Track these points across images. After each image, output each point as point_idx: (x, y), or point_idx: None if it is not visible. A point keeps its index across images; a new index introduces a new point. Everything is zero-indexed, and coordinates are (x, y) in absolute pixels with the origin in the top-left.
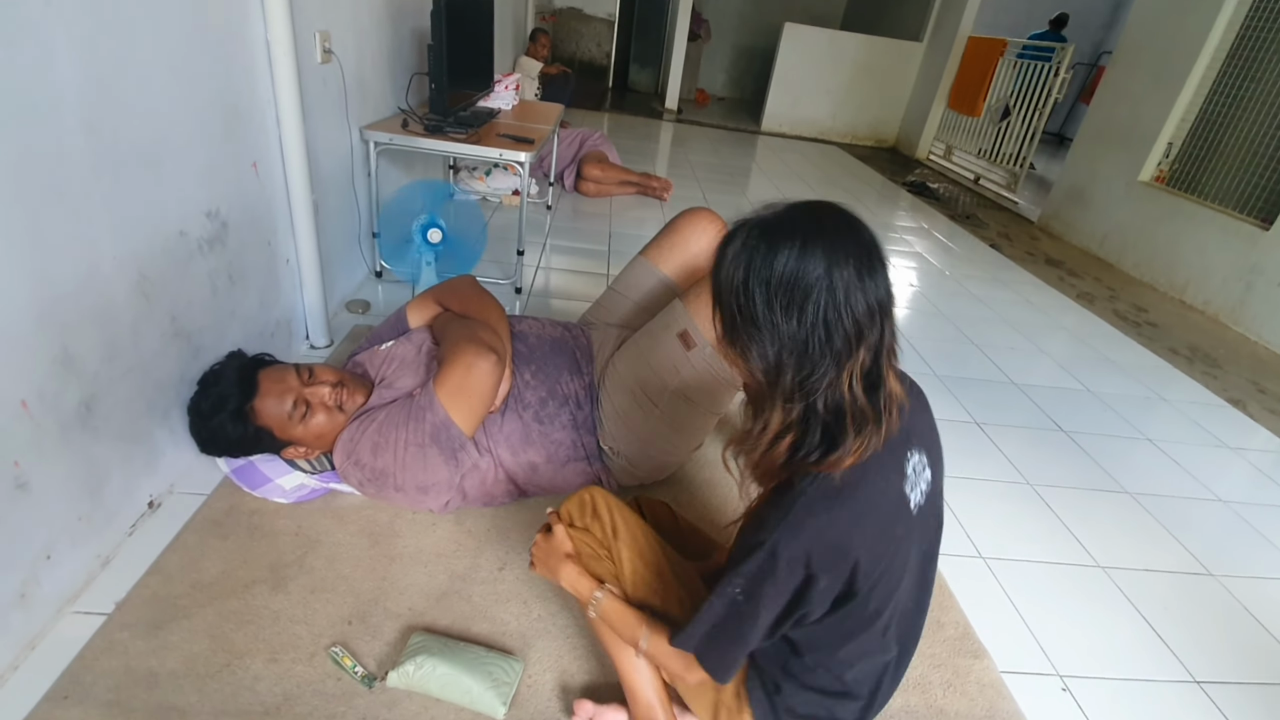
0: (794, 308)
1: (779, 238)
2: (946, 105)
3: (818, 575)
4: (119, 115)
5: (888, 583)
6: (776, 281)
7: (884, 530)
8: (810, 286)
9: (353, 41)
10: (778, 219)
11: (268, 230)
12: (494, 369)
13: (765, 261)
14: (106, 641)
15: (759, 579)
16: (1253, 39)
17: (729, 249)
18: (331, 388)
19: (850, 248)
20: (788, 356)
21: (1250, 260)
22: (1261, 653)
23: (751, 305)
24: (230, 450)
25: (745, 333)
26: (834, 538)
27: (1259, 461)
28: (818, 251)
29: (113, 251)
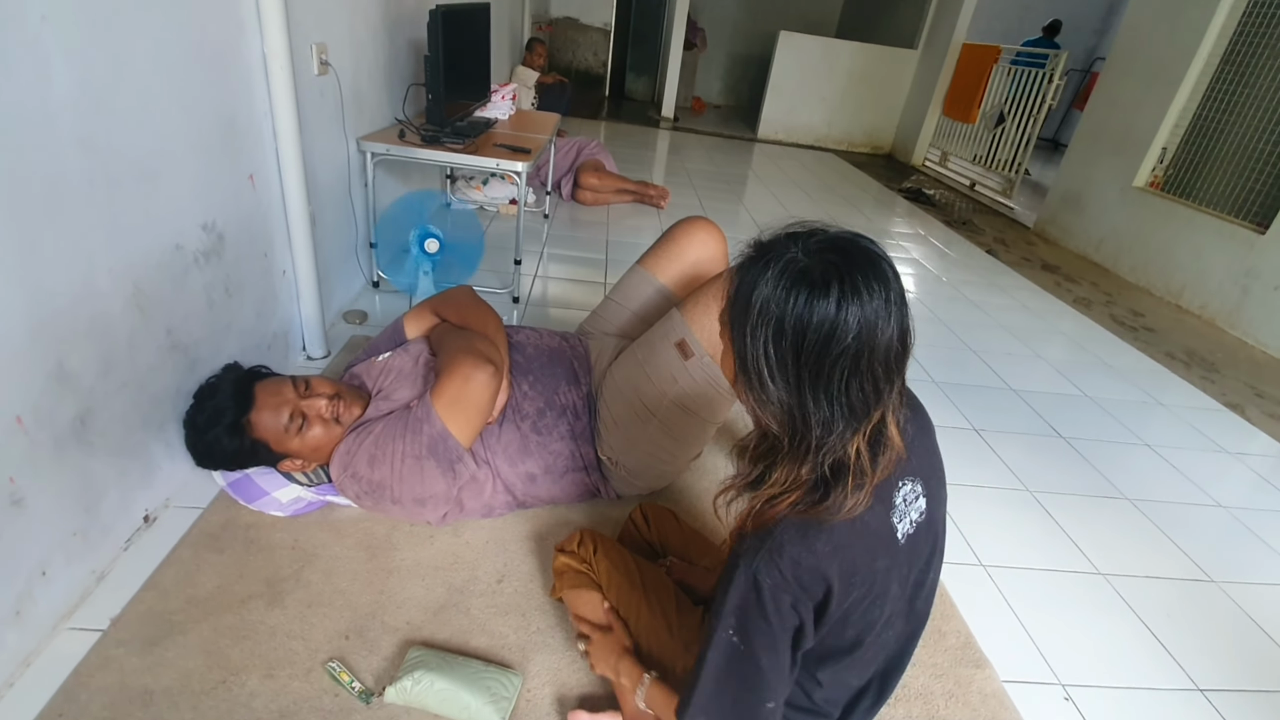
0: (823, 373)
1: (815, 287)
2: (941, 112)
3: (798, 600)
4: (115, 129)
5: (868, 613)
6: (808, 346)
7: (864, 562)
8: (842, 352)
9: (349, 53)
10: (809, 268)
11: (264, 242)
12: (491, 380)
13: (797, 322)
14: (101, 658)
15: (744, 611)
16: (1246, 44)
17: (754, 296)
18: (328, 400)
19: (884, 296)
20: (810, 421)
21: (1246, 264)
22: (1265, 660)
23: (779, 366)
24: (226, 464)
25: (764, 390)
26: (810, 563)
27: (1258, 466)
28: (855, 307)
29: (108, 265)
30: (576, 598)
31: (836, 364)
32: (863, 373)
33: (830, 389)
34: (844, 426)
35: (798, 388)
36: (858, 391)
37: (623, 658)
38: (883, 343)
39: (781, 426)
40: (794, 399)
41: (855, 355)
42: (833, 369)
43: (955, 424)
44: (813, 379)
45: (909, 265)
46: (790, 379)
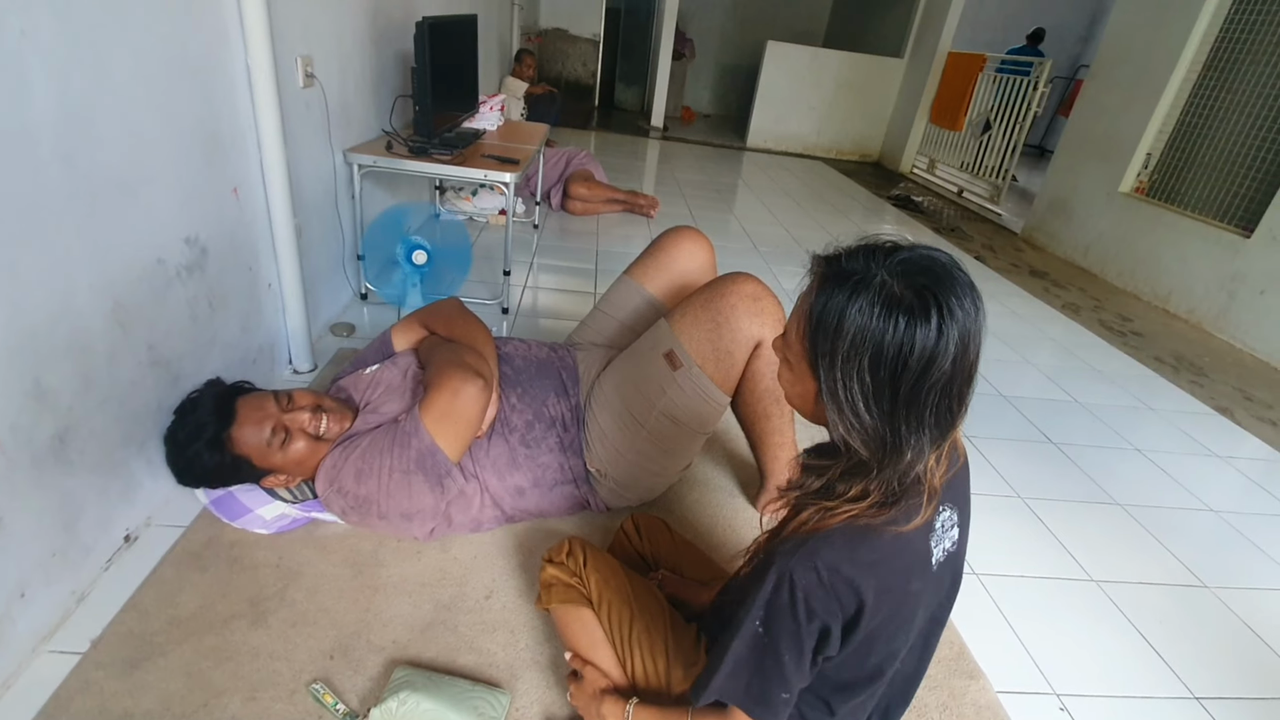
0: (919, 400)
1: (914, 315)
2: (928, 120)
3: (829, 618)
4: (95, 144)
5: (892, 640)
6: (908, 376)
7: (901, 581)
8: (938, 380)
9: (335, 65)
10: (904, 290)
11: (249, 255)
12: (480, 394)
13: (897, 344)
14: (81, 681)
15: (776, 611)
16: (1228, 50)
17: (845, 321)
18: (311, 413)
19: (973, 311)
20: (901, 446)
21: (1232, 268)
22: (1260, 666)
23: (875, 394)
24: (208, 480)
25: (856, 415)
26: (848, 571)
27: (1249, 470)
28: (955, 327)
29: (87, 281)
30: (565, 614)
31: (932, 389)
32: (952, 393)
33: (924, 412)
34: (930, 446)
35: (891, 414)
36: (945, 412)
37: (603, 700)
38: (972, 359)
39: (870, 451)
40: (887, 425)
41: (949, 379)
42: (929, 394)
43: None
44: (907, 405)
45: None
46: (885, 406)
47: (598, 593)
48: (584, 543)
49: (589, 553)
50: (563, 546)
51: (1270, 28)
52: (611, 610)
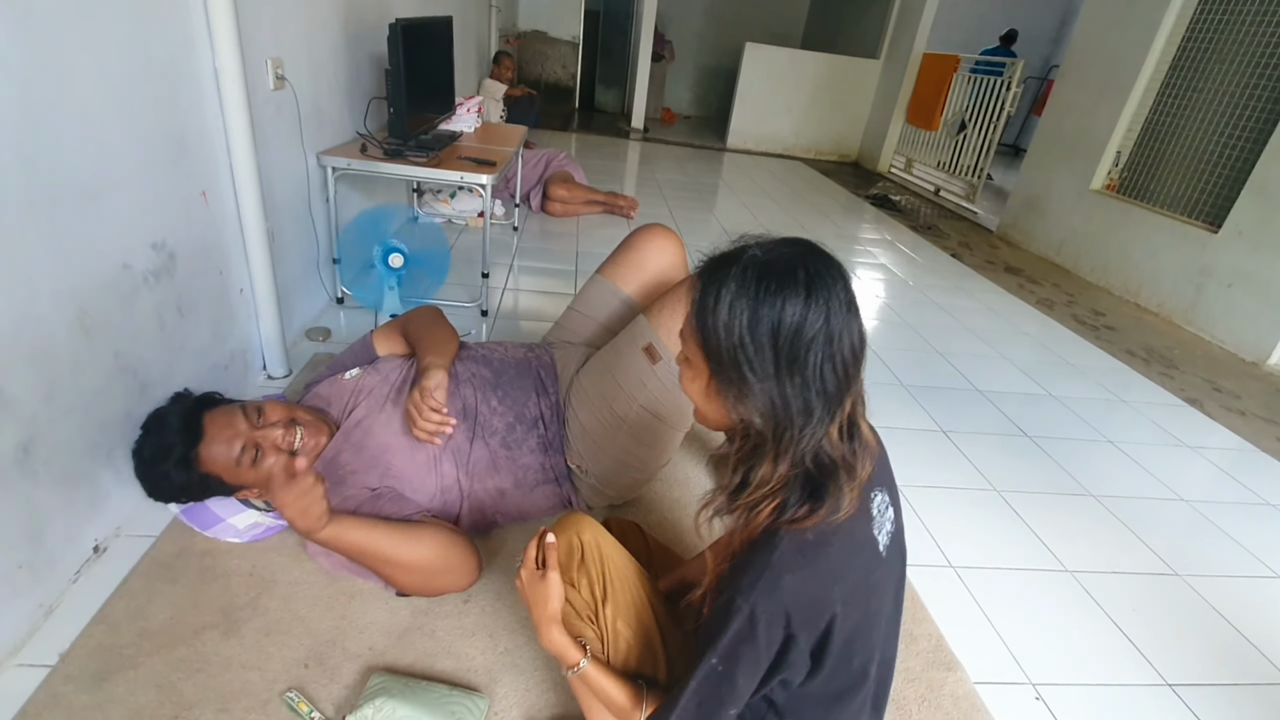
0: (799, 357)
1: (781, 283)
2: (905, 120)
3: (797, 635)
4: (56, 148)
5: (869, 636)
6: (784, 331)
7: (862, 578)
8: (814, 335)
9: (307, 68)
10: (771, 262)
11: (219, 260)
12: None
13: (770, 310)
14: (50, 695)
15: (736, 644)
16: (1193, 50)
17: (721, 294)
18: (284, 429)
19: (840, 292)
20: (790, 409)
21: (1200, 263)
22: (1230, 653)
23: (757, 355)
24: (178, 497)
25: (744, 384)
26: (813, 592)
27: (1218, 459)
28: (820, 298)
29: (50, 287)
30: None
31: (811, 347)
32: (834, 356)
33: (806, 373)
34: (821, 411)
35: (776, 375)
36: (831, 375)
37: (550, 624)
38: (847, 329)
39: (764, 418)
40: (774, 387)
41: (827, 339)
42: (808, 353)
43: (923, 426)
44: (789, 365)
45: (877, 270)
46: (769, 367)
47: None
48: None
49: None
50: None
51: (1233, 28)
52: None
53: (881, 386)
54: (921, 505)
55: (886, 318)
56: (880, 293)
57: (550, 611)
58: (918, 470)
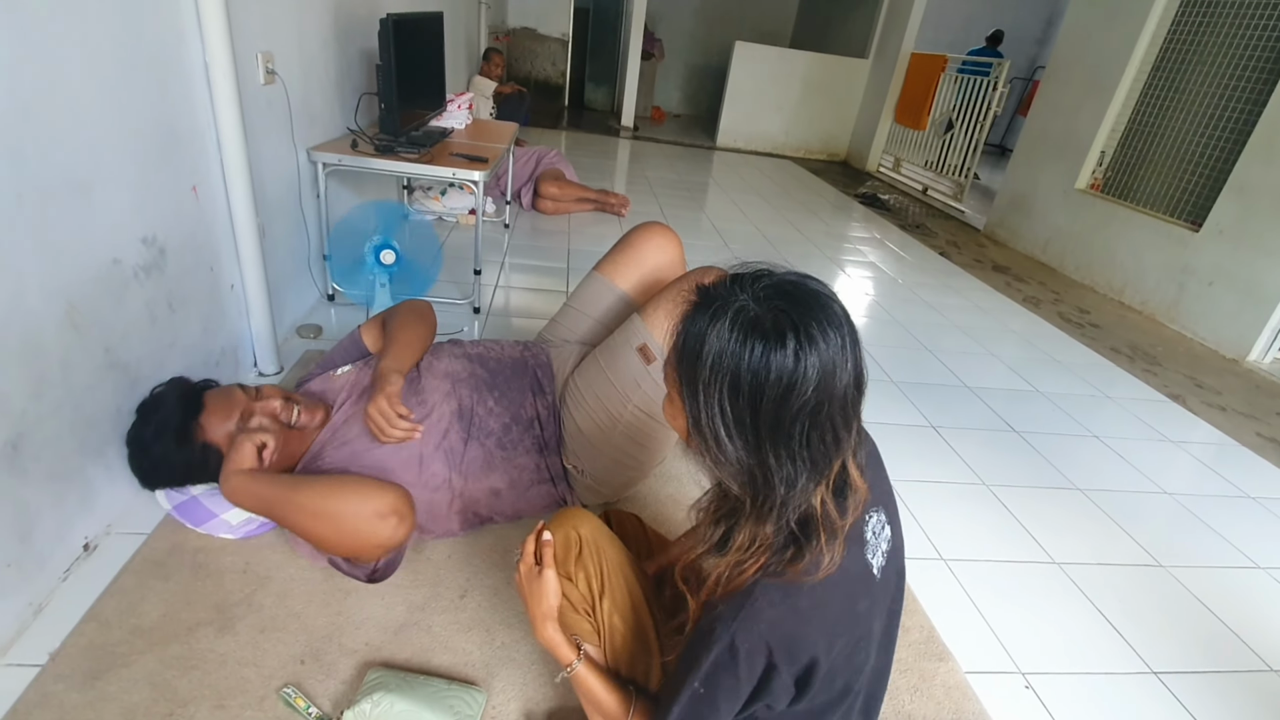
0: (783, 428)
1: (767, 347)
2: (893, 119)
3: (779, 666)
4: (46, 141)
5: (853, 659)
6: (766, 401)
7: (846, 610)
8: (802, 405)
9: (297, 62)
10: (759, 319)
11: (210, 255)
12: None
13: (754, 369)
14: (40, 695)
15: (716, 670)
16: (1175, 52)
17: (704, 351)
18: (282, 402)
19: (839, 341)
20: (772, 480)
21: (1182, 261)
22: (1214, 641)
23: (736, 425)
24: (175, 477)
25: (721, 441)
26: (792, 627)
27: (1200, 454)
28: (810, 363)
29: (39, 283)
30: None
31: (797, 418)
32: (823, 423)
33: (791, 444)
34: (807, 480)
35: (757, 446)
36: (818, 443)
37: (545, 621)
38: (840, 389)
39: (742, 487)
40: (754, 458)
41: (815, 407)
42: (793, 423)
43: (914, 422)
44: (772, 435)
45: (867, 268)
46: (749, 436)
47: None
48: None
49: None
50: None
51: (1213, 31)
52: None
53: (873, 383)
54: (912, 499)
55: (876, 315)
56: (870, 290)
57: (546, 608)
58: (909, 465)
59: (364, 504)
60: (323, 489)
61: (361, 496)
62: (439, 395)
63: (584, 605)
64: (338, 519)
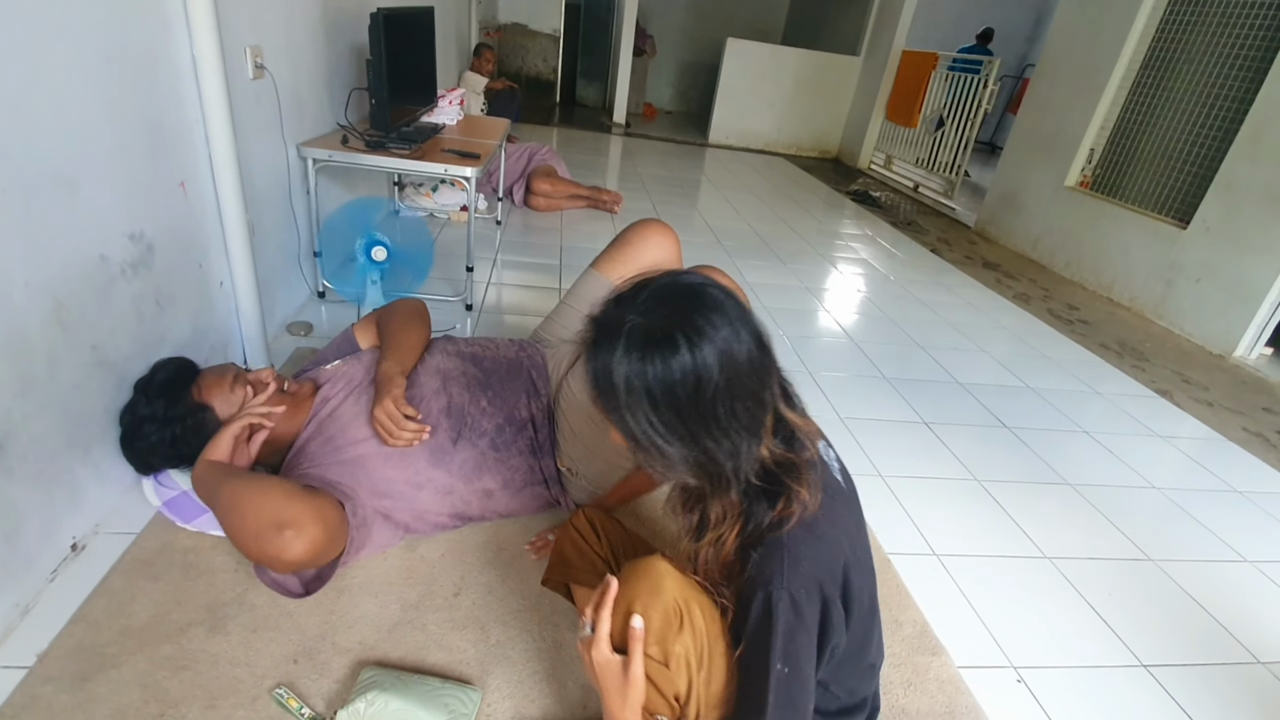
0: (706, 413)
1: (665, 352)
2: (884, 117)
3: (830, 597)
4: (30, 135)
5: (864, 562)
6: (683, 397)
7: (845, 519)
8: (714, 387)
9: (287, 57)
10: (649, 330)
11: (199, 252)
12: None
13: (661, 378)
14: (28, 697)
15: (790, 637)
16: (1163, 51)
17: (615, 382)
18: (274, 376)
19: (726, 322)
20: (717, 458)
21: (1170, 258)
22: (1202, 634)
23: (667, 429)
24: (166, 446)
25: (665, 458)
26: (826, 554)
27: (1187, 448)
28: (706, 349)
29: (24, 279)
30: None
31: (716, 401)
32: (741, 394)
33: (720, 423)
34: (747, 445)
35: (693, 439)
36: (744, 412)
37: (637, 716)
38: (744, 359)
39: (696, 476)
40: (694, 450)
41: (728, 385)
42: (714, 407)
43: (906, 418)
44: (702, 424)
45: (859, 265)
46: (683, 435)
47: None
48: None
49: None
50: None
51: (1200, 30)
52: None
53: (864, 379)
54: (905, 495)
55: (868, 312)
56: (862, 287)
57: (632, 709)
58: (901, 461)
59: (265, 511)
60: (240, 488)
61: (267, 504)
62: (428, 391)
63: (680, 685)
64: (242, 520)
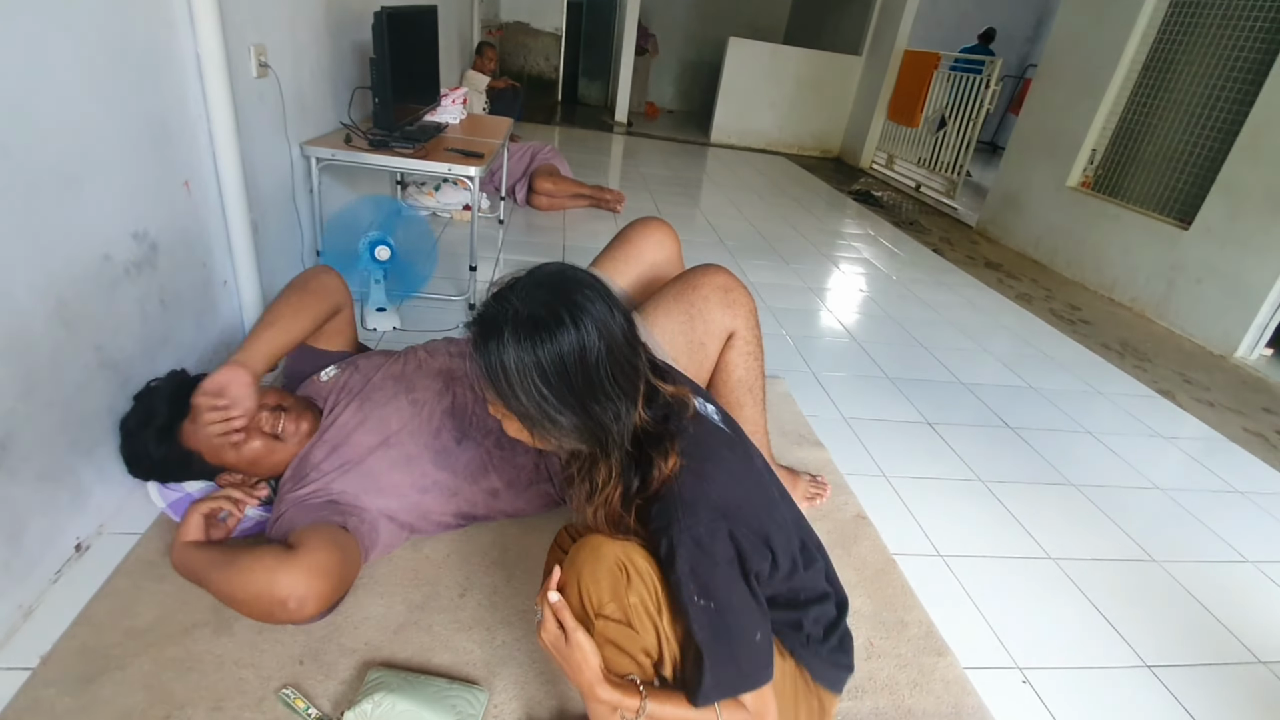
0: (592, 381)
1: (550, 330)
2: (886, 116)
3: (735, 526)
4: (33, 134)
5: (766, 496)
6: (570, 369)
7: (741, 457)
8: (596, 356)
9: (290, 55)
10: (532, 313)
11: (203, 251)
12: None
13: (551, 353)
14: (31, 700)
15: (703, 572)
16: (1165, 51)
17: (505, 363)
18: (270, 412)
19: (597, 295)
20: (603, 422)
21: (1171, 258)
22: (1205, 634)
23: (559, 400)
24: (158, 473)
25: (559, 427)
26: (718, 488)
27: (1189, 449)
28: (586, 323)
29: (27, 278)
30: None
31: (598, 368)
32: (618, 361)
33: (605, 388)
34: (626, 408)
35: (583, 407)
36: (622, 377)
37: (598, 684)
38: (617, 329)
39: (586, 442)
40: (583, 417)
41: (608, 353)
42: (597, 373)
43: (909, 418)
44: (589, 391)
45: (861, 265)
46: (573, 404)
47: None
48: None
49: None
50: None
51: (1201, 30)
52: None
53: (867, 379)
54: (909, 495)
55: (870, 311)
56: (864, 287)
57: (592, 673)
58: (905, 461)
59: (259, 593)
60: (225, 579)
61: (254, 586)
62: (431, 394)
63: (649, 637)
64: (244, 607)
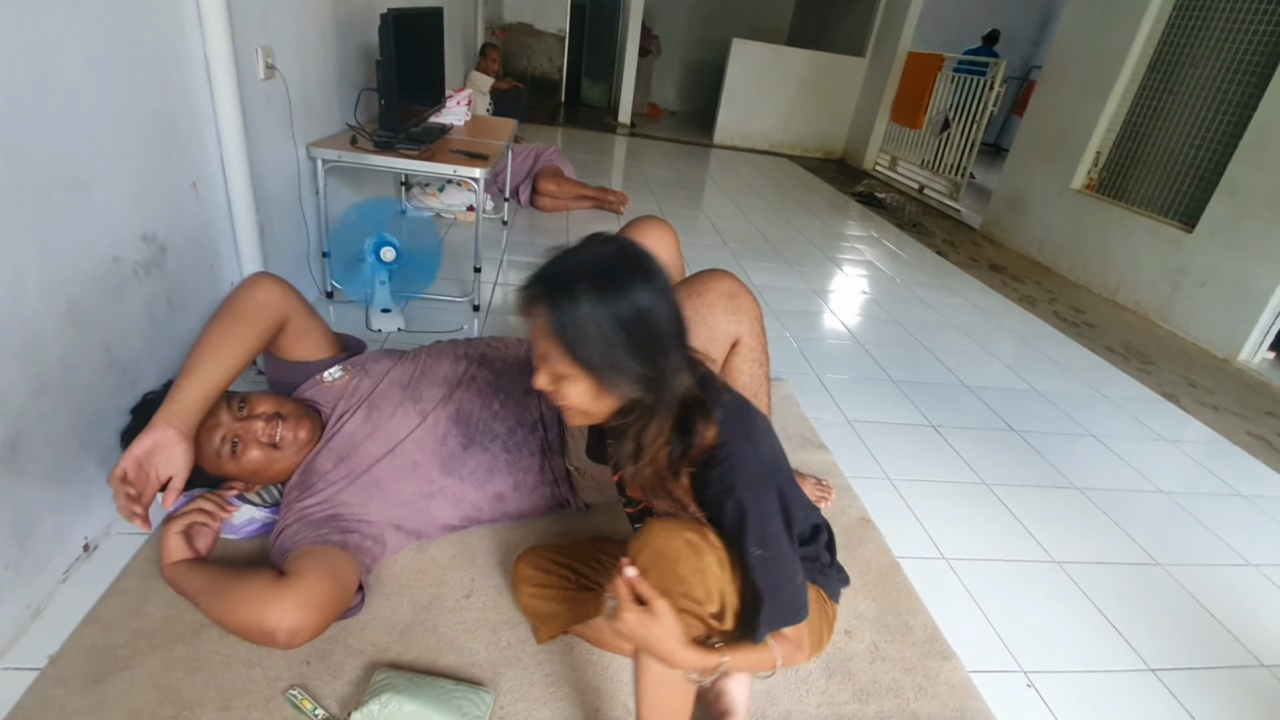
0: (661, 331)
1: (625, 281)
2: (890, 118)
3: (782, 486)
4: (43, 136)
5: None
6: (644, 318)
7: (763, 416)
8: (661, 308)
9: (297, 57)
10: (606, 266)
11: (210, 253)
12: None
13: (627, 304)
14: (39, 699)
15: (762, 525)
16: (1169, 54)
17: (580, 312)
18: (265, 422)
19: (651, 265)
20: (666, 373)
21: (1175, 261)
22: (1209, 638)
23: (632, 347)
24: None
25: (628, 373)
26: (770, 452)
27: (1193, 452)
28: (654, 277)
29: (38, 280)
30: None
31: (663, 324)
32: (676, 320)
33: (668, 339)
34: (681, 364)
35: (652, 354)
36: (680, 334)
37: (685, 649)
38: (672, 294)
39: (648, 390)
40: (650, 367)
41: (669, 312)
42: (665, 328)
43: (914, 421)
44: (659, 344)
45: (864, 267)
46: (642, 355)
47: None
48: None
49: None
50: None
51: (1206, 33)
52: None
53: (871, 382)
54: (914, 498)
55: (874, 314)
56: (867, 289)
57: (676, 639)
58: (909, 464)
59: (249, 622)
60: (215, 605)
61: (243, 616)
62: (435, 401)
63: (715, 602)
64: (239, 632)
